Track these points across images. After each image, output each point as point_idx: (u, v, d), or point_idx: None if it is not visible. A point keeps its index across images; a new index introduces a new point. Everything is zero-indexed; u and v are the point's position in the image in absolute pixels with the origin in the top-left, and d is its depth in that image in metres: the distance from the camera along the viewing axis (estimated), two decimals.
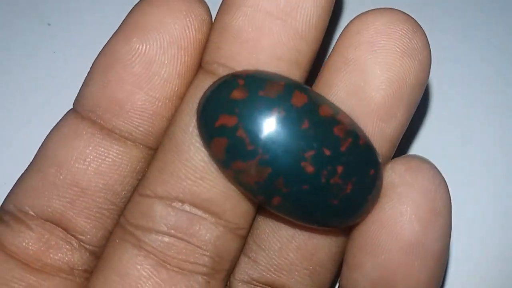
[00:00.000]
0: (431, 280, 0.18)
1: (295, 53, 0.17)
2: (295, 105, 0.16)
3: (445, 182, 0.18)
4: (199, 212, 0.18)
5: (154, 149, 0.19)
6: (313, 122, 0.16)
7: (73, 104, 0.19)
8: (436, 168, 0.18)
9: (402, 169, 0.18)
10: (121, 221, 0.19)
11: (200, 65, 0.18)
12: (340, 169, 0.16)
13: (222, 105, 0.16)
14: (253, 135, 0.16)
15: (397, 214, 0.17)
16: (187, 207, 0.18)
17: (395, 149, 0.19)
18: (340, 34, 0.18)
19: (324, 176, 0.16)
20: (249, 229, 0.19)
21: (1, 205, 0.19)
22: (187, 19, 0.17)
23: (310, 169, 0.16)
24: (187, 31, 0.17)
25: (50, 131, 0.19)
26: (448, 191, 0.18)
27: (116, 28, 0.18)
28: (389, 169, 0.18)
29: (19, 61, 0.26)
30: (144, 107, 0.18)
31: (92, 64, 0.18)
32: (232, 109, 0.16)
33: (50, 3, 0.26)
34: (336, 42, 0.18)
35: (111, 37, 0.18)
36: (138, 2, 0.18)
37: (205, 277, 0.18)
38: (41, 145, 0.19)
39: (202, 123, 0.17)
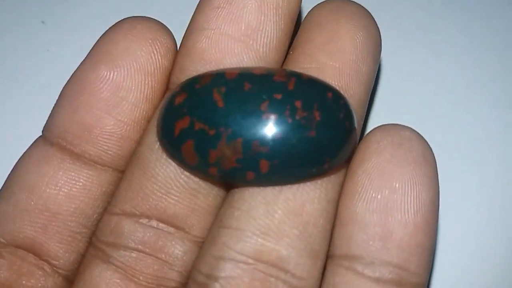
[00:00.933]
0: (429, 230, 0.17)
1: None
2: (230, 77, 0.17)
3: (424, 138, 0.18)
4: (166, 228, 0.18)
5: (123, 171, 0.19)
6: (252, 82, 0.17)
7: (42, 131, 0.19)
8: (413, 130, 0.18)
9: (387, 126, 0.18)
10: (92, 240, 0.19)
11: (168, 87, 0.19)
12: (298, 103, 0.17)
13: (172, 114, 0.17)
14: (208, 119, 0.17)
15: (388, 156, 0.17)
16: (154, 223, 0.18)
17: (368, 98, 0.19)
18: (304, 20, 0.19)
19: (288, 115, 0.17)
20: None
21: None
22: (153, 46, 0.18)
23: (273, 116, 0.17)
24: (153, 58, 0.18)
25: (20, 158, 0.19)
26: (429, 145, 0.18)
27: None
28: (374, 129, 0.18)
29: (13, 59, 0.26)
30: (112, 131, 0.18)
31: (61, 92, 0.19)
32: (181, 112, 0.17)
33: (44, 1, 0.27)
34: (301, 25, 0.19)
35: (79, 65, 0.19)
36: (106, 31, 0.19)
37: None
38: (11, 171, 0.19)
39: (164, 141, 0.18)
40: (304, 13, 0.20)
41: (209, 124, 0.17)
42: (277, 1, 0.18)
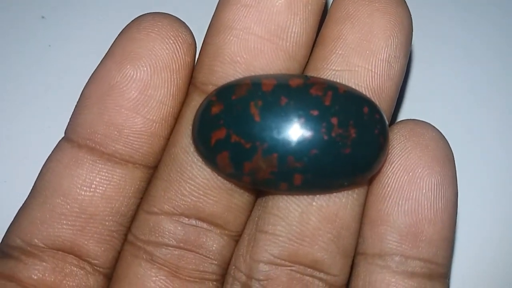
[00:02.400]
0: (452, 225, 0.18)
1: (287, 72, 0.18)
2: (266, 90, 0.17)
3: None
4: (205, 225, 0.19)
5: (154, 167, 0.19)
6: (289, 96, 0.17)
7: (66, 133, 0.19)
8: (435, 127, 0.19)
9: (411, 124, 0.19)
10: (129, 238, 0.19)
11: (193, 85, 0.19)
12: (334, 120, 0.17)
13: (209, 124, 0.18)
14: (245, 133, 0.17)
15: (415, 158, 0.18)
16: (193, 221, 0.19)
17: (398, 94, 0.19)
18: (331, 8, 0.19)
19: (324, 133, 0.17)
20: None
21: (4, 241, 0.19)
22: (176, 44, 0.18)
23: (309, 134, 0.17)
24: (177, 55, 0.18)
25: (46, 162, 0.19)
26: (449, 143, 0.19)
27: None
28: (397, 126, 0.19)
29: (13, 54, 0.26)
30: (142, 130, 0.19)
31: (83, 93, 0.19)
32: (218, 124, 0.17)
33: None
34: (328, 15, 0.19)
35: (100, 65, 0.19)
36: (126, 29, 0.19)
37: (214, 283, 0.19)
38: (39, 176, 0.19)
39: (200, 148, 0.18)
40: None
41: (245, 137, 0.17)
42: None
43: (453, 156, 0.19)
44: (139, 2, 0.26)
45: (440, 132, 0.19)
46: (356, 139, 0.17)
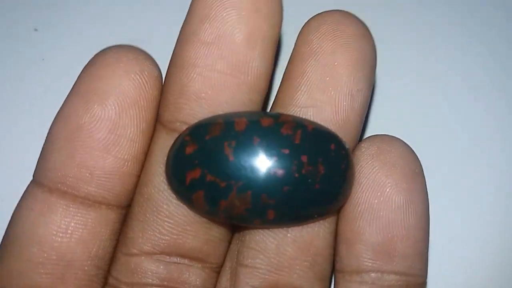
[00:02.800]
0: (425, 238, 0.19)
1: (250, 104, 0.19)
2: (239, 129, 0.18)
3: (413, 151, 0.19)
4: (186, 261, 0.19)
5: (127, 206, 0.19)
6: (261, 136, 0.18)
7: (35, 176, 0.19)
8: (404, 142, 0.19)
9: (377, 141, 0.19)
10: (111, 282, 0.19)
11: (159, 122, 0.19)
12: (304, 158, 0.17)
13: (183, 164, 0.18)
14: (220, 173, 0.17)
15: (383, 177, 0.18)
16: (174, 259, 0.19)
17: (362, 124, 0.20)
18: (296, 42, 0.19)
19: (295, 171, 0.17)
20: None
21: None
22: (142, 78, 0.18)
23: (280, 172, 0.17)
24: (144, 90, 0.18)
25: (17, 209, 0.19)
26: (417, 157, 0.19)
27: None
28: (365, 144, 0.19)
29: (6, 66, 0.25)
30: (114, 169, 0.18)
31: (50, 133, 0.18)
32: (192, 163, 0.18)
33: (36, 8, 0.26)
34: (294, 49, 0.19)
35: (66, 103, 0.18)
36: (90, 64, 0.18)
37: None
38: (11, 224, 0.19)
39: (175, 187, 0.18)
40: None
41: (220, 177, 0.17)
42: (263, 32, 0.18)
43: (422, 170, 0.19)
44: (131, 14, 0.26)
45: (408, 146, 0.19)
46: (324, 175, 0.18)
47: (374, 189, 0.18)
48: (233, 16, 0.18)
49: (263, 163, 0.17)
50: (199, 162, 0.17)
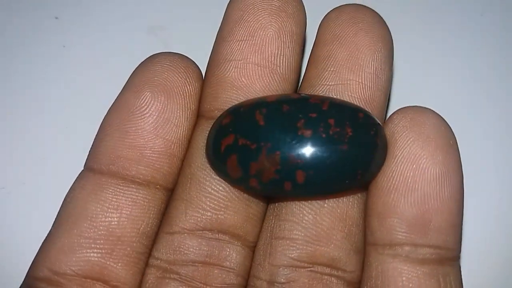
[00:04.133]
0: (459, 211, 0.19)
1: (282, 93, 0.21)
2: (271, 101, 0.19)
3: (447, 122, 0.19)
4: (227, 238, 0.20)
5: (172, 189, 0.21)
6: (290, 104, 0.19)
7: (86, 164, 0.20)
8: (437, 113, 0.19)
9: (411, 112, 0.19)
10: (151, 262, 0.21)
11: (200, 114, 0.21)
12: (331, 121, 0.18)
13: (220, 134, 0.19)
14: (250, 135, 0.19)
15: (418, 149, 0.18)
16: (216, 235, 0.20)
17: (386, 103, 0.21)
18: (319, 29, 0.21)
19: (322, 131, 0.18)
20: None
21: (30, 273, 0.19)
22: (187, 73, 0.20)
23: (308, 132, 0.18)
24: (188, 82, 0.20)
25: (69, 191, 0.20)
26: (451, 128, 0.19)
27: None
28: (397, 115, 0.19)
29: (28, 55, 0.27)
30: (162, 150, 0.20)
31: (102, 124, 0.20)
32: (227, 131, 0.19)
33: None
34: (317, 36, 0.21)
35: (118, 98, 0.20)
36: (141, 65, 0.20)
37: None
38: (63, 205, 0.20)
39: (212, 157, 0.20)
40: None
41: (250, 139, 0.19)
42: (292, 29, 0.20)
43: (456, 142, 0.19)
44: (150, 2, 0.27)
45: (441, 117, 0.19)
46: (352, 137, 0.18)
47: (409, 161, 0.18)
48: (264, 16, 0.20)
49: (290, 125, 0.18)
50: (233, 129, 0.19)
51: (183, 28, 0.25)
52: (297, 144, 0.18)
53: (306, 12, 0.21)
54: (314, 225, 0.20)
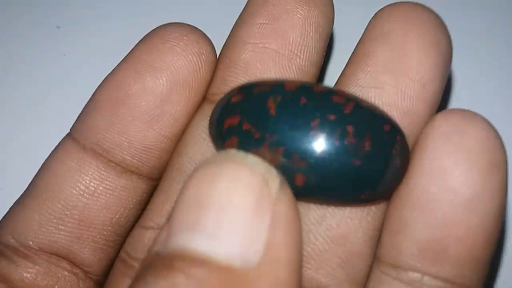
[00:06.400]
0: (488, 244, 0.16)
1: None
2: (289, 89, 0.17)
3: (499, 134, 0.16)
4: None
5: (157, 179, 0.19)
6: (309, 98, 0.16)
7: (72, 131, 0.19)
8: (489, 122, 0.16)
9: (455, 117, 0.16)
10: (122, 255, 0.19)
11: (205, 95, 0.19)
12: (350, 128, 0.16)
13: (225, 111, 0.17)
14: (257, 123, 0.16)
15: (451, 164, 0.15)
16: None
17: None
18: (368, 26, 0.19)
19: (336, 138, 0.16)
20: None
21: None
22: (199, 61, 0.18)
23: (320, 135, 0.16)
24: (198, 73, 0.18)
25: (49, 160, 0.19)
26: (503, 143, 0.16)
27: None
28: (439, 118, 0.16)
29: (29, 63, 0.26)
30: (153, 144, 0.18)
31: (96, 94, 0.18)
32: (234, 111, 0.17)
33: (59, 6, 0.27)
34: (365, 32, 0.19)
35: (117, 69, 0.18)
36: (149, 36, 0.18)
37: None
38: (40, 173, 0.19)
39: (213, 133, 0.18)
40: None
41: (256, 127, 0.16)
42: (317, 21, 0.18)
43: (505, 162, 0.16)
44: (155, 12, 0.27)
45: (492, 128, 0.16)
46: (369, 153, 0.16)
47: (435, 175, 0.16)
48: (291, 1, 0.18)
49: (303, 122, 0.16)
50: (240, 110, 0.17)
51: None
52: (305, 145, 0.16)
53: (338, 10, 0.19)
54: (304, 243, 0.17)
